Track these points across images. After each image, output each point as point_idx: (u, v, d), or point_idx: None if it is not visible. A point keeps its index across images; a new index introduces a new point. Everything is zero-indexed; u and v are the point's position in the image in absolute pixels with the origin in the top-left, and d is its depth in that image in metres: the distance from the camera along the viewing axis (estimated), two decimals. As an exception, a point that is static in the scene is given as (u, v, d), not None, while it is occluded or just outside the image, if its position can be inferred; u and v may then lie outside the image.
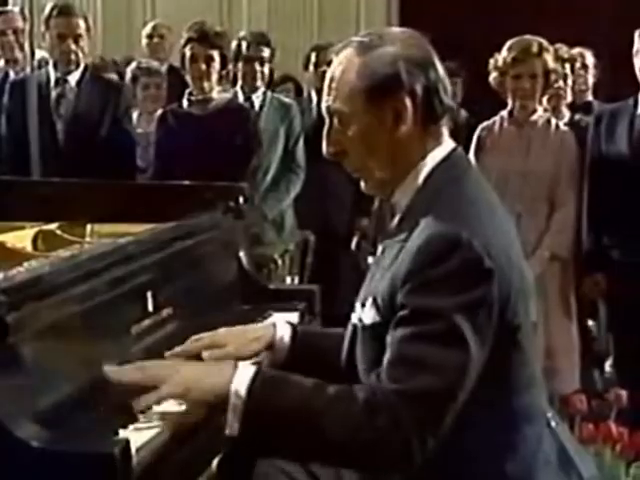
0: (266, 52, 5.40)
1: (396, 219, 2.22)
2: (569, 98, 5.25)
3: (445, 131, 2.22)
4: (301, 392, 2.04)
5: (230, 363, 2.17)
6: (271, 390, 2.05)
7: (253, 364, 2.28)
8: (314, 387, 2.04)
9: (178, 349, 2.45)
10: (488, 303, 2.01)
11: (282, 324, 2.51)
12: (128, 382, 2.17)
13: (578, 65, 5.46)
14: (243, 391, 2.03)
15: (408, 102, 2.13)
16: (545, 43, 4.53)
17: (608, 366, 5.26)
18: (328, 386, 2.04)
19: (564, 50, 5.11)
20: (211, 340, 2.46)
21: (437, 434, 1.98)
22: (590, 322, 5.29)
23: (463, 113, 6.10)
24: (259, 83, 5.34)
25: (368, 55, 2.15)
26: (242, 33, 5.51)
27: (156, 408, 2.19)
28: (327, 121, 2.23)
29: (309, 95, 6.19)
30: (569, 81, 5.07)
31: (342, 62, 2.18)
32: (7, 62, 6.03)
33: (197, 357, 2.41)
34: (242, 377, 2.05)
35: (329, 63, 2.24)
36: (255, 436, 2.05)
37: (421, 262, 2.01)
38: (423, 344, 1.99)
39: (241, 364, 2.15)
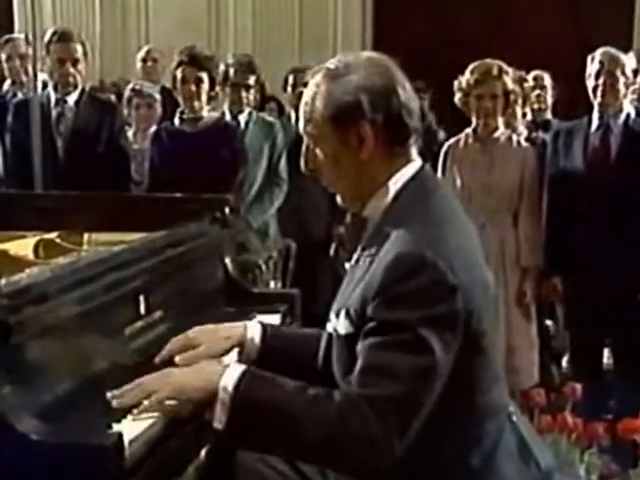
0: (251, 79, 5.38)
1: (368, 233, 2.22)
2: (528, 116, 5.27)
3: (413, 151, 2.22)
4: (284, 392, 2.04)
5: (220, 362, 2.19)
6: (256, 387, 2.05)
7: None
8: (296, 389, 2.04)
9: (163, 352, 2.44)
10: (452, 316, 2.01)
11: (253, 324, 2.49)
12: (132, 402, 2.15)
13: (530, 84, 5.45)
14: (231, 386, 2.03)
15: (369, 129, 2.14)
16: (504, 66, 4.55)
17: (565, 362, 5.27)
18: (309, 388, 2.04)
19: (516, 73, 5.11)
20: (185, 340, 2.44)
21: (405, 436, 1.98)
22: (548, 322, 5.30)
23: (442, 134, 6.10)
24: (245, 108, 5.33)
25: (334, 83, 2.16)
26: (230, 60, 5.48)
27: None
28: (304, 141, 2.24)
29: (289, 114, 6.19)
30: (519, 100, 5.06)
31: (312, 88, 2.20)
32: (14, 83, 6.04)
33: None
34: (231, 374, 2.06)
35: (305, 85, 2.25)
36: (240, 430, 2.05)
37: (389, 279, 2.02)
38: (389, 353, 1.99)
39: (232, 364, 2.15)
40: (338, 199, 2.29)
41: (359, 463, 2.00)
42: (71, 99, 4.87)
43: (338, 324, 2.16)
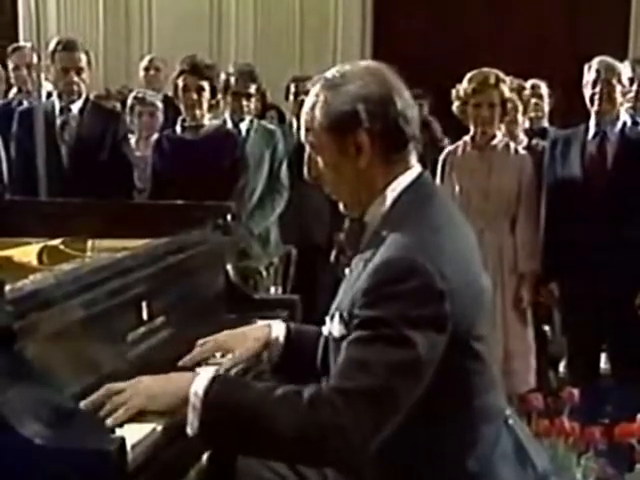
0: (252, 88, 5.38)
1: (365, 238, 2.22)
2: (526, 124, 5.27)
3: (412, 157, 2.22)
4: (254, 392, 2.05)
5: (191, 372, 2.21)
6: (227, 390, 2.06)
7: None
8: (266, 388, 2.05)
9: (194, 353, 2.48)
10: (438, 319, 2.01)
11: (277, 324, 2.53)
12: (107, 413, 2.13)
13: (527, 92, 5.44)
14: (201, 391, 2.04)
15: (366, 137, 2.14)
16: (501, 75, 4.55)
17: (562, 367, 5.27)
18: (279, 387, 2.04)
19: (515, 82, 5.10)
20: (216, 343, 2.50)
21: (380, 429, 1.97)
22: (546, 327, 5.30)
23: (437, 126, 6.14)
24: (246, 116, 5.34)
25: (331, 93, 2.17)
26: (231, 69, 5.48)
27: None
28: (306, 150, 2.26)
29: (291, 122, 6.20)
30: (520, 108, 5.07)
31: (311, 98, 2.21)
32: (20, 91, 6.05)
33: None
34: (201, 380, 2.07)
35: (307, 93, 2.25)
36: (213, 433, 2.05)
37: (377, 281, 2.02)
38: (369, 348, 1.99)
39: (202, 370, 2.17)
40: (340, 206, 2.30)
41: (333, 455, 1.98)
42: (75, 107, 4.88)
43: (333, 327, 2.17)
